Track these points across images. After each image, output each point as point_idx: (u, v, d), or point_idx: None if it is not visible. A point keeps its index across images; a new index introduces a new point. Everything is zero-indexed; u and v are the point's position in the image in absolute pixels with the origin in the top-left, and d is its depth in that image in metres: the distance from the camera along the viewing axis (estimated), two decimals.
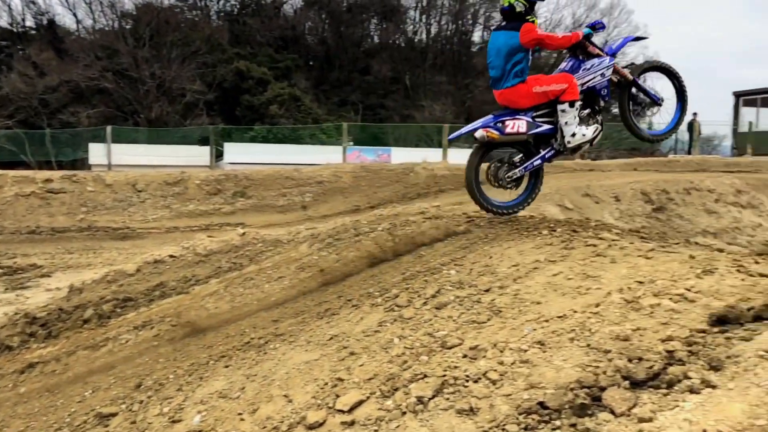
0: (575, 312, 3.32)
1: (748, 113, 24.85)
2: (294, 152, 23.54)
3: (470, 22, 46.53)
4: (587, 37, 4.94)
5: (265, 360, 3.68)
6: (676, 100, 5.30)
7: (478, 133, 4.94)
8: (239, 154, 23.36)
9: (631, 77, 5.14)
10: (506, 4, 4.85)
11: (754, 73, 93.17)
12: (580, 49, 4.99)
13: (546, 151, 5.11)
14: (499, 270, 4.34)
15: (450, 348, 3.25)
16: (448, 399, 2.78)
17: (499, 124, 4.93)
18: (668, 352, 2.64)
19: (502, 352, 3.07)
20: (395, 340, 3.45)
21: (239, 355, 3.91)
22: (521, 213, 6.51)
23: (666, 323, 3.00)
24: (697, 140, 23.07)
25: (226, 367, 3.80)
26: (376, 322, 3.76)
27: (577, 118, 4.90)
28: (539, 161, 5.14)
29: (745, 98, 24.95)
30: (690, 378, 2.41)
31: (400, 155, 23.10)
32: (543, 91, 4.89)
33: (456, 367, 3.01)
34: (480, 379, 2.85)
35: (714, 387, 2.30)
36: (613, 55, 5.06)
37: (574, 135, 4.92)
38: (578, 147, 5.09)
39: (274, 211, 15.05)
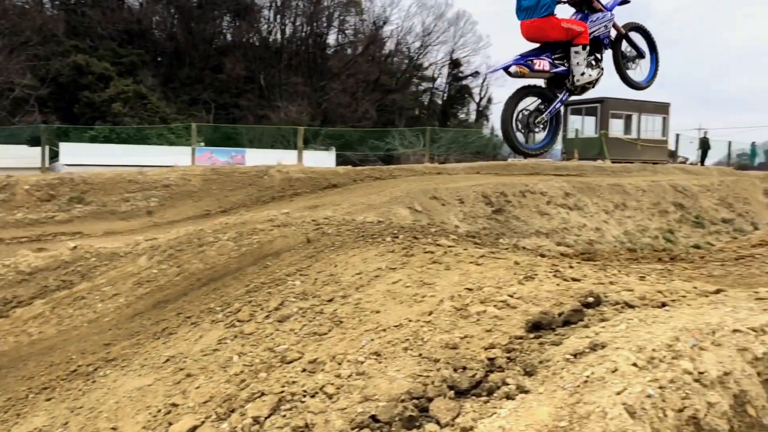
0: (410, 321, 3.46)
1: (575, 121, 27.44)
2: (139, 153, 22.20)
3: (325, 24, 46.82)
4: None
5: (93, 389, 3.44)
6: (651, 54, 5.91)
7: (512, 69, 5.18)
8: (77, 155, 21.58)
9: (623, 31, 5.72)
10: None
11: None
12: (586, 4, 5.48)
13: (562, 94, 5.50)
14: (343, 279, 4.41)
15: (290, 362, 3.25)
16: (284, 416, 2.78)
17: (528, 62, 5.20)
18: (490, 359, 2.84)
19: (340, 364, 3.12)
20: (234, 357, 3.39)
21: (64, 385, 3.62)
22: (369, 219, 6.65)
23: (490, 330, 3.22)
24: None
25: (48, 400, 3.50)
26: (215, 339, 3.66)
27: (585, 61, 5.37)
28: (559, 104, 5.51)
29: (573, 107, 27.51)
30: (507, 384, 2.60)
31: (255, 157, 22.66)
32: (568, 27, 5.27)
33: (294, 383, 3.02)
34: (317, 393, 2.88)
35: (527, 392, 2.51)
36: (623, 2, 5.71)
37: (582, 74, 5.37)
38: (584, 87, 5.53)
39: (115, 218, 14.07)
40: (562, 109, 5.67)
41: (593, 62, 5.50)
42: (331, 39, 48.18)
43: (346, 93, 41.95)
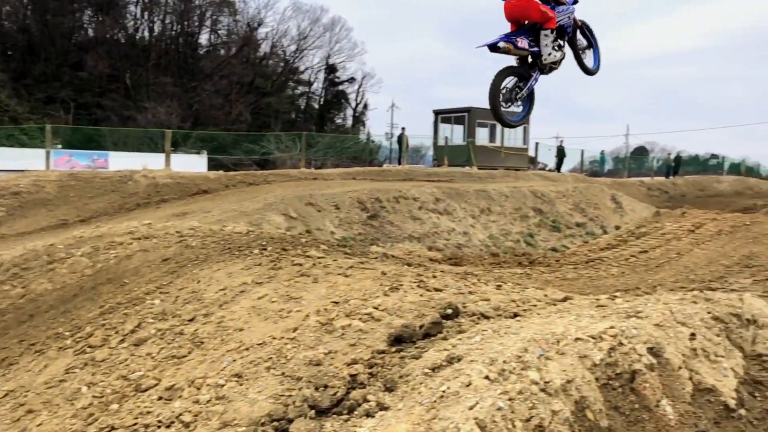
0: (275, 338, 3.41)
1: (445, 129, 28.52)
2: None
3: (197, 23, 45.19)
4: None
5: None
6: (594, 46, 6.80)
7: (501, 44, 5.85)
8: None
9: (579, 23, 6.49)
10: None
11: (455, 91, 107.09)
12: None
13: (536, 73, 6.19)
14: (206, 296, 4.26)
15: (145, 391, 3.08)
16: None
17: (513, 40, 5.89)
18: (352, 376, 2.86)
19: (199, 389, 3.00)
20: (83, 388, 3.15)
21: None
22: (238, 229, 6.52)
23: (354, 344, 3.24)
24: (405, 152, 25.66)
25: None
26: (62, 368, 3.39)
27: (552, 44, 6.10)
28: (534, 82, 6.23)
29: (443, 116, 28.60)
30: (368, 401, 2.62)
31: (119, 161, 21.37)
32: (543, 11, 5.93)
33: (149, 413, 2.87)
34: (173, 423, 2.75)
35: (387, 409, 2.54)
36: (574, 2, 6.37)
37: (550, 54, 6.08)
38: (551, 67, 6.25)
39: None
40: (535, 88, 6.43)
41: (557, 46, 6.22)
42: (203, 39, 46.66)
43: (219, 95, 40.74)
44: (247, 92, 43.27)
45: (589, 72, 6.69)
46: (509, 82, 6.06)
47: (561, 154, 30.45)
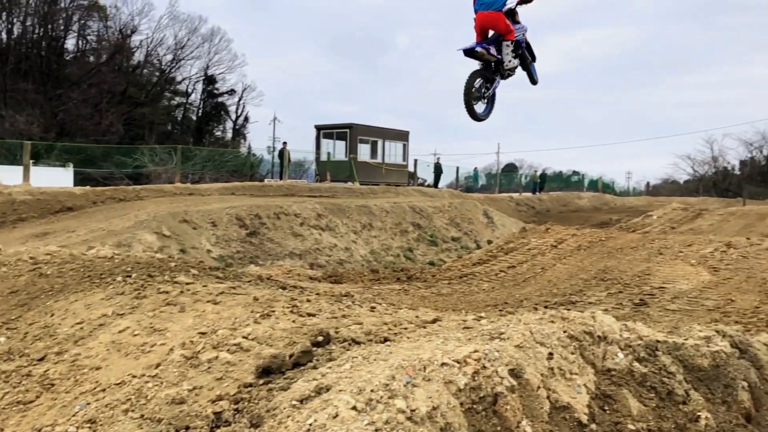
0: (135, 377, 3.21)
1: (327, 144, 28.64)
2: None
3: (62, 27, 42.25)
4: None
5: None
6: (534, 61, 7.74)
7: (478, 49, 6.87)
8: None
9: (527, 40, 7.47)
10: None
11: (337, 107, 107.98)
12: (512, 17, 7.13)
13: (498, 77, 7.24)
14: (60, 330, 3.94)
15: None
16: None
17: (486, 47, 6.91)
18: (216, 414, 2.75)
19: None
20: None
21: None
22: (102, 253, 6.16)
23: (221, 378, 3.13)
24: (287, 167, 25.44)
25: None
26: None
27: (511, 54, 7.12)
28: (497, 84, 7.32)
29: (325, 131, 28.71)
30: None
31: None
32: (507, 24, 6.99)
33: None
34: None
35: None
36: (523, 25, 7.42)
37: (510, 62, 7.13)
38: (509, 74, 7.29)
39: None
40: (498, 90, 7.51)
41: (514, 56, 7.26)
42: (70, 44, 43.71)
43: (88, 104, 38.26)
44: (119, 102, 41.01)
45: (534, 81, 7.83)
46: (478, 83, 7.11)
47: (438, 170, 31.54)
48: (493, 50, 6.96)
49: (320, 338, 3.45)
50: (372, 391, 2.72)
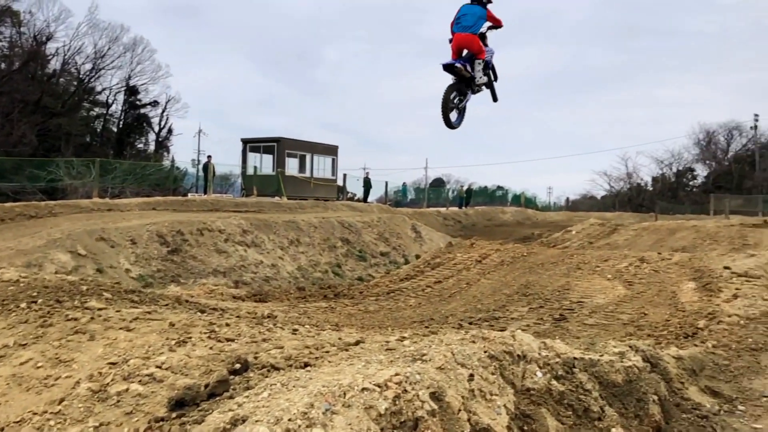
0: (36, 414, 3.00)
1: (254, 158, 28.21)
2: None
3: None
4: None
5: None
6: (494, 78, 8.46)
7: (458, 65, 7.70)
8: None
9: (492, 62, 8.27)
10: None
11: (265, 120, 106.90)
12: (482, 40, 7.91)
13: (470, 91, 8.04)
14: None
15: None
16: None
17: (464, 64, 7.72)
18: None
19: None
20: None
21: None
22: (7, 275, 5.82)
23: (131, 413, 2.97)
24: (211, 181, 24.83)
25: None
26: None
27: (481, 72, 7.91)
28: (469, 97, 8.13)
29: (251, 145, 28.26)
30: None
31: None
32: (480, 44, 7.83)
33: None
34: None
35: None
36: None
37: (480, 78, 7.93)
38: (479, 89, 8.12)
39: None
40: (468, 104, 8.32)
41: (484, 74, 8.02)
42: None
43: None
44: (33, 112, 38.91)
45: (495, 99, 8.63)
46: (453, 95, 7.88)
47: (367, 185, 31.66)
48: (468, 67, 7.76)
49: (238, 365, 3.34)
50: (290, 420, 2.65)
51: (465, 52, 7.79)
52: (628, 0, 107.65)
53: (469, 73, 7.78)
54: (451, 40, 7.83)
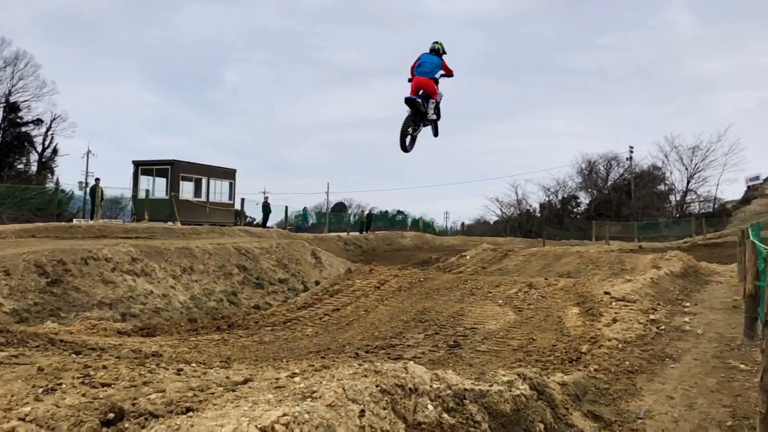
0: None
1: (145, 182, 27.01)
2: None
3: None
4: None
5: None
6: (438, 117, 9.70)
7: (419, 100, 8.94)
8: None
9: (439, 102, 9.57)
10: (437, 47, 9.24)
11: (160, 142, 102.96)
12: (436, 82, 9.23)
13: (423, 123, 9.31)
14: None
15: None
16: None
17: (422, 100, 8.98)
18: None
19: None
20: None
21: None
22: None
23: None
24: (99, 205, 23.44)
25: None
26: None
27: (432, 109, 9.22)
28: (421, 129, 9.37)
29: (144, 167, 27.07)
30: None
31: None
32: (435, 87, 9.17)
33: None
34: None
35: None
36: None
37: (432, 114, 9.23)
38: (428, 122, 9.37)
39: None
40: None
41: (434, 112, 9.35)
42: None
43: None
44: None
45: (437, 134, 9.78)
46: (410, 125, 9.14)
47: (266, 209, 31.15)
48: (425, 103, 9.11)
49: (111, 415, 3.10)
50: None
51: (421, 92, 9.11)
52: (516, 37, 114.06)
53: (424, 108, 9.10)
54: (410, 80, 9.16)
